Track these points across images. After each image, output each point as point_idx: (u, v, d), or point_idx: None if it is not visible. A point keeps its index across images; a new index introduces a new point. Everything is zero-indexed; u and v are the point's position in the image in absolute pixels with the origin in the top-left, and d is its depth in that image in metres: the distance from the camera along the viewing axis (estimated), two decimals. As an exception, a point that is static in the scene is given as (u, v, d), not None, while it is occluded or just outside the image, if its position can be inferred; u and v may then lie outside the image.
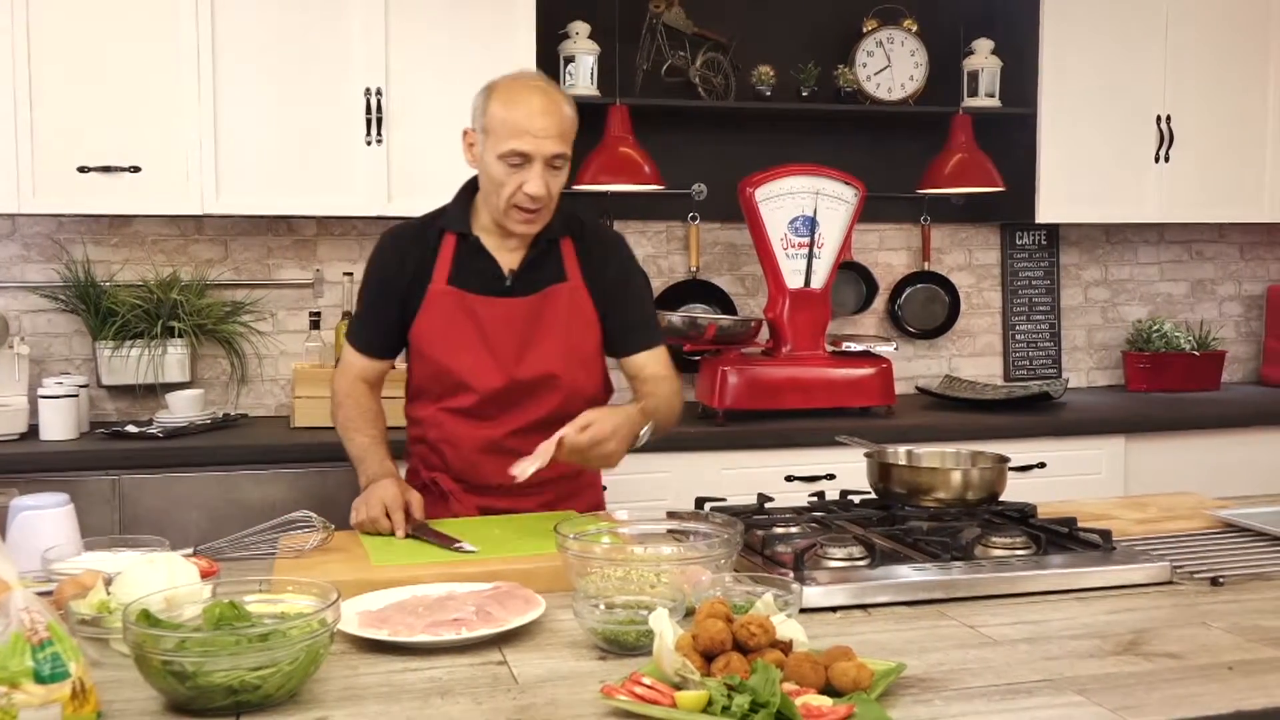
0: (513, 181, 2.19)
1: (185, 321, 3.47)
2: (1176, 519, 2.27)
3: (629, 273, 2.40)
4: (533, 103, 2.18)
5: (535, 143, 2.17)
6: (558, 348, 2.29)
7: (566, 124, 2.22)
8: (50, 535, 1.83)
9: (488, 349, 2.27)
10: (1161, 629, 1.59)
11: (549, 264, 2.31)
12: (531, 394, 2.29)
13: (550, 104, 2.19)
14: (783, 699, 1.20)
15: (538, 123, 2.17)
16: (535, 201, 2.20)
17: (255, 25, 3.30)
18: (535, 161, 2.18)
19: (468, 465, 2.32)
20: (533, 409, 2.29)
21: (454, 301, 2.28)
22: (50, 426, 3.19)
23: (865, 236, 4.17)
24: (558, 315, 2.30)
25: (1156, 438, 3.71)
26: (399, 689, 1.38)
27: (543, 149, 2.17)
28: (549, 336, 2.29)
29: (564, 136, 2.21)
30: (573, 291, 2.31)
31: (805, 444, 3.42)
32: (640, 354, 2.36)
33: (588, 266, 2.34)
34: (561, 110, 2.21)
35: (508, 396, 2.28)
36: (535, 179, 2.18)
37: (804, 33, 4.05)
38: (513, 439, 2.26)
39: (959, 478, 2.10)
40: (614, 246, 2.42)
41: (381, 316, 2.36)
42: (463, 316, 2.28)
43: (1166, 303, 4.53)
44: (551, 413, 2.26)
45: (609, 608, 1.53)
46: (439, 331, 2.29)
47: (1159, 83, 4.00)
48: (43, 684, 1.22)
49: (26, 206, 3.19)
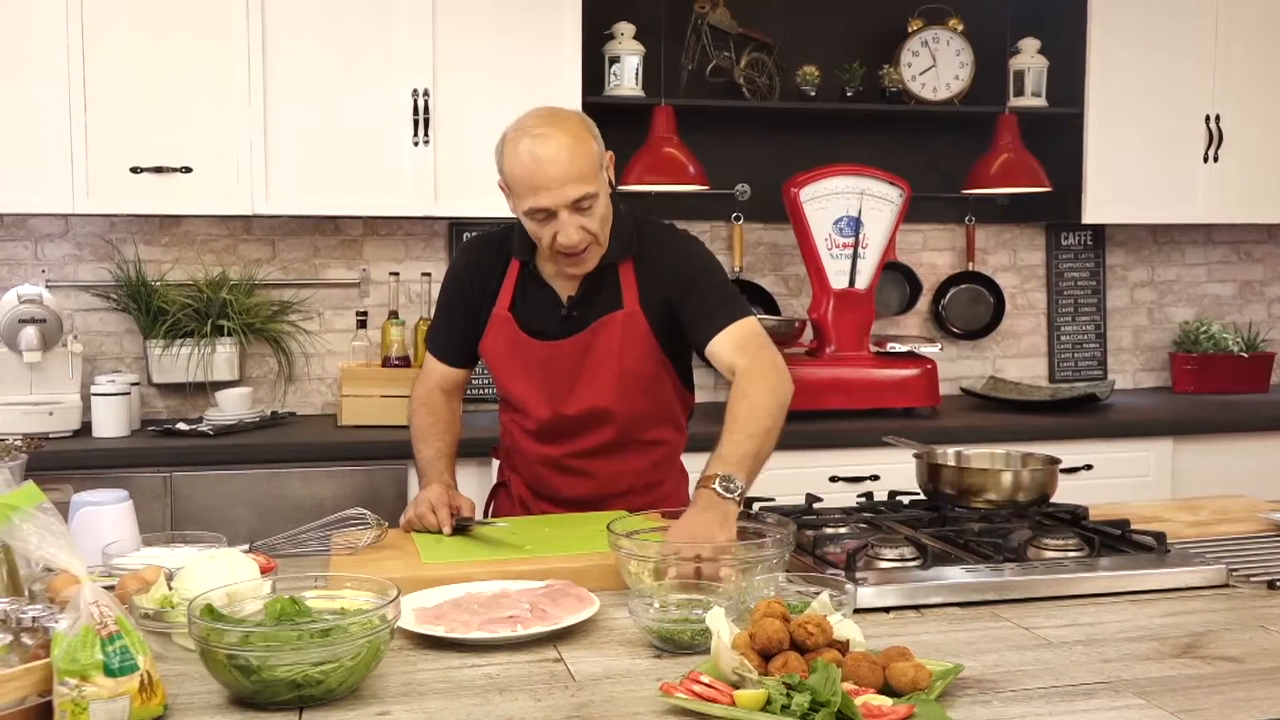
0: (546, 233, 2.09)
1: (234, 320, 3.51)
2: (1229, 522, 2.25)
3: (683, 267, 2.23)
4: (537, 154, 2.04)
5: (552, 196, 2.04)
6: (609, 380, 2.20)
7: (582, 162, 2.06)
8: (111, 531, 1.86)
9: (539, 384, 2.24)
10: (1219, 632, 1.58)
11: (607, 291, 2.21)
12: (584, 426, 2.25)
13: (557, 149, 2.04)
14: (844, 698, 1.20)
15: (549, 173, 2.03)
16: (575, 248, 2.10)
17: (305, 27, 3.34)
18: (560, 212, 2.06)
19: (535, 476, 2.33)
20: (589, 438, 2.26)
21: (511, 332, 2.24)
22: (103, 424, 3.24)
23: (909, 237, 4.16)
24: (611, 347, 2.20)
25: (1205, 440, 3.68)
26: (457, 685, 1.39)
27: (562, 199, 2.05)
28: (600, 371, 2.20)
29: (583, 177, 2.05)
30: (628, 318, 2.20)
31: (849, 445, 3.41)
32: (713, 341, 2.15)
33: (646, 284, 2.21)
34: (572, 148, 2.05)
35: (562, 426, 2.25)
36: (565, 229, 2.07)
37: (849, 33, 4.04)
38: (573, 460, 2.26)
39: (1010, 479, 2.09)
40: (669, 251, 2.26)
41: (456, 325, 2.34)
42: (517, 350, 2.25)
43: (1214, 304, 4.48)
44: (610, 440, 2.24)
45: (664, 606, 1.53)
46: (499, 354, 2.28)
47: (1208, 82, 3.96)
48: (112, 677, 1.24)
49: (81, 207, 3.24)
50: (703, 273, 2.23)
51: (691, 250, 2.28)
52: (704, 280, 2.22)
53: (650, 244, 2.24)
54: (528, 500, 2.35)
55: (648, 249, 2.23)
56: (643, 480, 2.31)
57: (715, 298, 2.20)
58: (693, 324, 2.19)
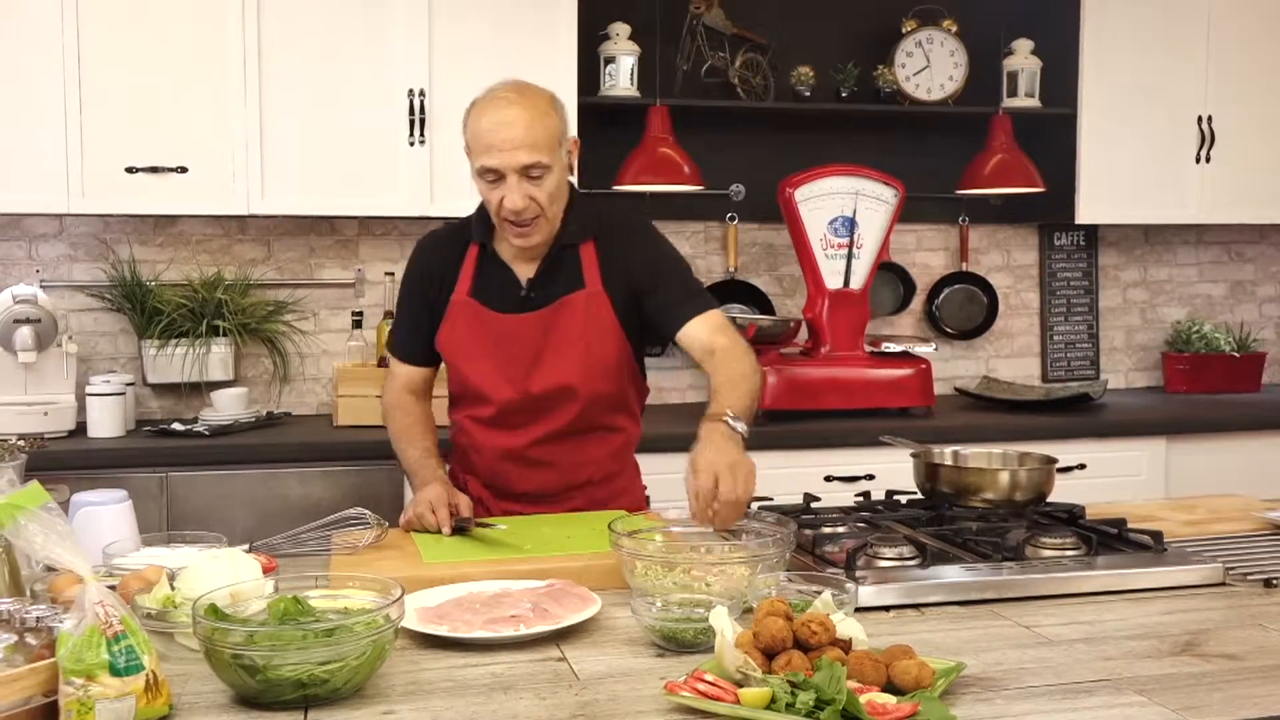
0: (494, 197, 2.14)
1: (229, 321, 3.50)
2: (1225, 521, 2.26)
3: (654, 255, 2.29)
4: (498, 115, 2.10)
5: (502, 157, 2.09)
6: (574, 359, 2.23)
7: (539, 131, 2.10)
8: (111, 531, 1.86)
9: (502, 362, 2.25)
10: (1218, 630, 1.59)
11: (567, 271, 2.25)
12: (548, 406, 2.25)
13: (517, 114, 2.09)
14: (849, 696, 1.21)
15: (502, 135, 2.08)
16: (519, 215, 2.13)
17: (300, 27, 3.34)
18: (508, 175, 2.10)
19: (494, 473, 2.33)
20: (552, 420, 2.26)
21: (472, 313, 2.26)
22: (98, 424, 3.23)
23: (903, 237, 4.17)
24: (574, 325, 2.23)
25: (1197, 439, 3.69)
26: (462, 684, 1.40)
27: (511, 162, 2.09)
28: (564, 348, 2.23)
29: (536, 146, 2.09)
30: (590, 299, 2.23)
31: (844, 444, 3.42)
32: (688, 325, 2.21)
33: (609, 267, 2.25)
34: (531, 118, 2.10)
35: (524, 408, 2.25)
36: (511, 192, 2.10)
37: (843, 33, 4.05)
38: (535, 449, 2.26)
39: (1007, 478, 2.10)
40: (637, 235, 2.32)
41: (416, 324, 2.35)
42: (479, 328, 2.26)
43: (1206, 304, 4.50)
44: (571, 422, 2.25)
45: (666, 605, 1.54)
46: (458, 342, 2.28)
47: (1200, 83, 3.98)
48: (118, 676, 1.24)
49: (76, 207, 3.24)
50: (675, 264, 2.31)
51: (660, 241, 2.34)
52: (676, 271, 2.30)
53: (615, 229, 2.29)
54: (488, 500, 2.33)
55: (612, 233, 2.28)
56: (603, 470, 2.32)
57: (689, 287, 2.29)
58: (663, 309, 2.24)
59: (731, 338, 2.21)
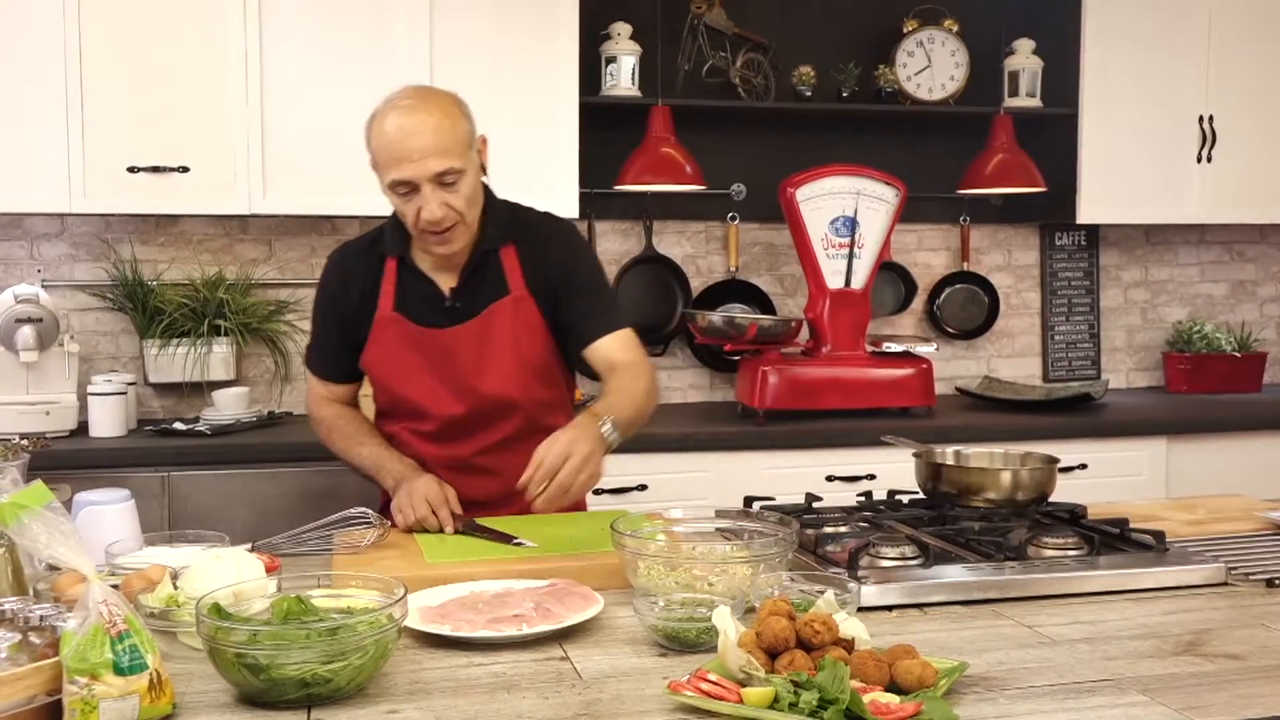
0: (410, 210, 2.08)
1: (231, 320, 3.51)
2: (1226, 521, 2.26)
3: (574, 260, 2.26)
4: (402, 125, 2.04)
5: (413, 167, 2.03)
6: (510, 368, 2.21)
7: (446, 136, 2.04)
8: (113, 530, 1.86)
9: (440, 378, 2.21)
10: (1220, 630, 1.59)
11: (489, 278, 2.21)
12: (490, 418, 2.23)
13: (420, 122, 2.03)
14: (852, 695, 1.21)
15: (410, 145, 2.02)
16: (438, 224, 2.08)
17: (302, 27, 3.34)
18: (422, 185, 2.05)
19: None
20: (496, 431, 2.23)
21: (400, 330, 2.22)
22: (100, 423, 3.23)
23: (904, 237, 4.17)
24: (505, 334, 2.20)
25: (1198, 439, 3.70)
26: (465, 683, 1.40)
27: (423, 171, 2.03)
28: (499, 358, 2.20)
29: (447, 151, 2.04)
30: (516, 303, 2.20)
31: (846, 444, 3.42)
32: (597, 342, 2.19)
33: (531, 269, 2.21)
34: (438, 123, 2.04)
35: (466, 422, 2.23)
36: (428, 203, 2.05)
37: (844, 33, 4.05)
38: (481, 458, 2.23)
39: (1009, 478, 2.10)
40: (556, 238, 2.26)
41: (336, 342, 2.31)
42: (409, 345, 2.22)
43: (1207, 304, 4.50)
44: (517, 430, 2.22)
45: (668, 605, 1.54)
46: (390, 360, 2.24)
47: (1201, 83, 3.98)
48: (122, 675, 1.24)
49: (78, 206, 3.24)
50: (592, 273, 2.29)
51: (578, 245, 2.32)
52: (593, 281, 2.28)
53: (532, 230, 2.25)
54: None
55: (530, 234, 2.24)
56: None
57: (604, 300, 2.27)
58: (578, 320, 2.22)
59: (637, 355, 2.21)
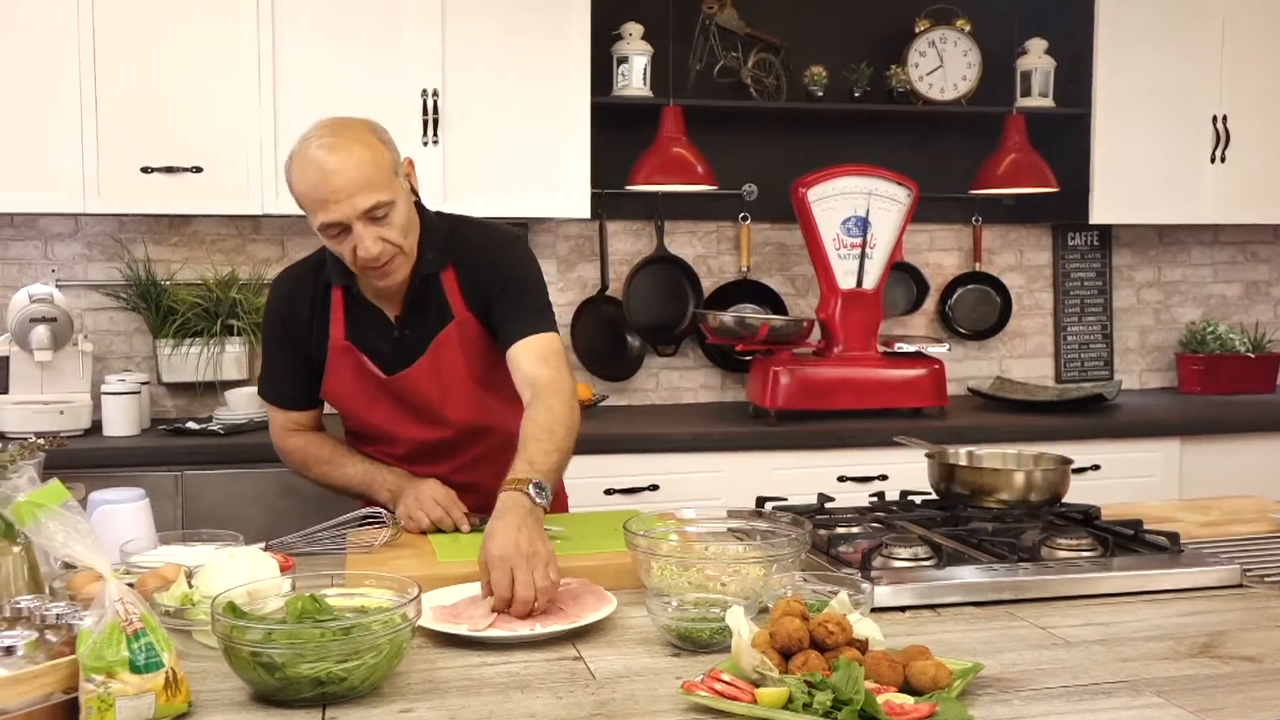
0: (346, 249, 2.01)
1: (243, 320, 3.51)
2: (1241, 522, 2.25)
3: (507, 269, 2.18)
4: (322, 165, 1.95)
5: (341, 208, 1.95)
6: (471, 399, 2.18)
7: (370, 169, 1.96)
8: (128, 529, 1.87)
9: (401, 411, 2.19)
10: (1235, 632, 1.58)
11: (434, 303, 2.16)
12: (461, 443, 2.21)
13: (341, 159, 1.95)
14: (866, 696, 1.21)
15: (334, 184, 1.94)
16: (376, 260, 2.01)
17: (315, 28, 3.35)
18: (353, 224, 1.97)
19: None
20: (470, 451, 2.22)
21: (356, 363, 2.17)
22: (113, 423, 3.24)
23: (916, 237, 4.16)
24: (457, 363, 2.16)
25: (1212, 440, 3.68)
26: (478, 682, 1.40)
27: (351, 210, 1.95)
28: (457, 390, 2.17)
29: (373, 184, 1.96)
30: (461, 327, 2.16)
31: (858, 444, 3.42)
32: (517, 345, 2.11)
33: (469, 289, 2.16)
34: (358, 159, 1.96)
35: (440, 446, 2.21)
36: (363, 241, 1.98)
37: (856, 33, 4.04)
38: (459, 474, 2.20)
39: (1022, 479, 2.10)
40: (490, 250, 2.20)
41: (289, 368, 2.25)
42: (368, 379, 2.18)
43: (1220, 304, 4.49)
44: (493, 448, 2.18)
45: (681, 605, 1.54)
46: (348, 391, 2.20)
47: (1215, 83, 3.97)
48: (138, 673, 1.25)
49: (92, 206, 3.25)
50: (519, 276, 2.19)
51: (511, 250, 2.23)
52: (519, 284, 2.18)
53: (469, 246, 2.19)
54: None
55: (467, 252, 2.18)
56: None
57: (527, 305, 2.16)
58: (500, 324, 2.15)
59: (555, 369, 2.08)
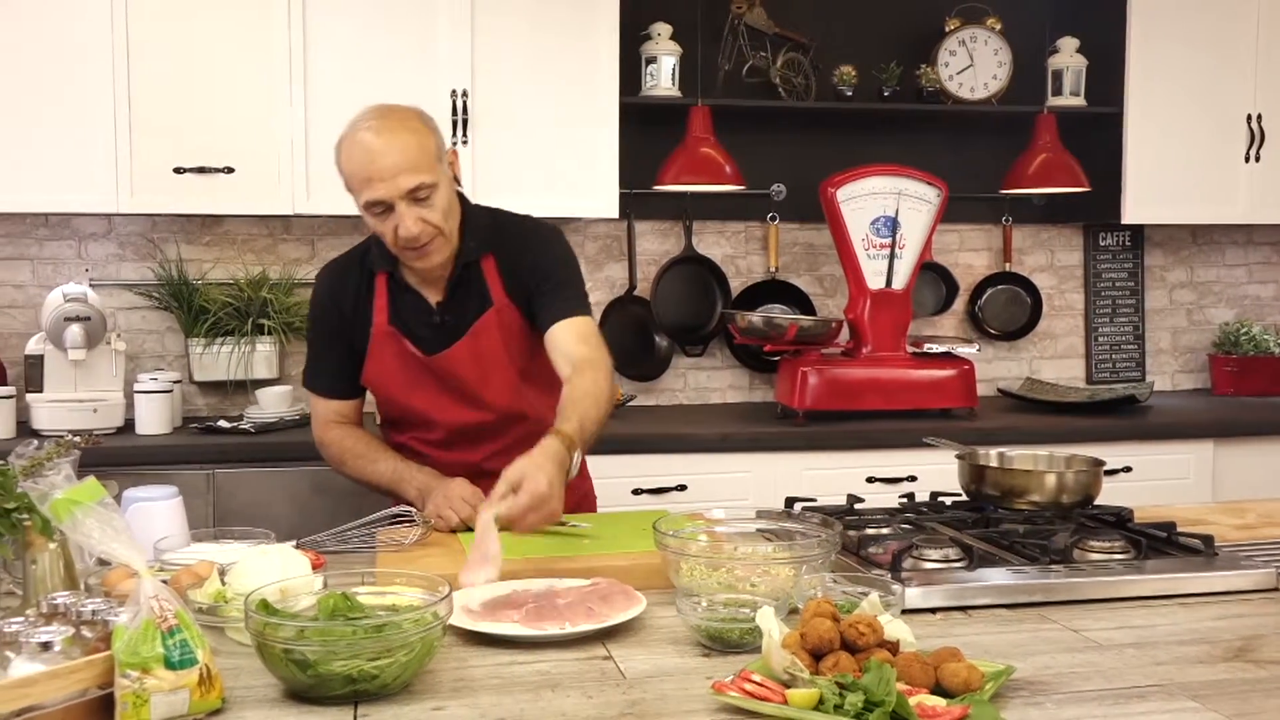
0: (388, 229, 2.10)
1: (274, 319, 3.54)
2: (1276, 525, 2.23)
3: (545, 255, 2.27)
4: (369, 146, 2.05)
5: (385, 186, 2.05)
6: (509, 384, 2.24)
7: (414, 151, 2.06)
8: (162, 526, 1.89)
9: (441, 393, 2.24)
10: (1271, 636, 1.56)
11: (474, 290, 2.23)
12: (498, 428, 2.25)
13: (387, 141, 2.05)
14: (898, 698, 1.20)
15: (379, 165, 2.04)
16: (416, 240, 2.10)
17: (345, 29, 3.37)
18: (396, 203, 2.06)
19: None
20: (506, 436, 2.25)
21: (398, 346, 2.24)
22: (146, 421, 3.27)
23: (945, 237, 4.14)
24: (496, 347, 2.23)
25: (1246, 442, 3.65)
26: (509, 681, 1.40)
27: (395, 189, 2.05)
28: (496, 375, 2.23)
29: (417, 167, 2.06)
30: (500, 314, 2.23)
31: (887, 445, 3.41)
32: (556, 326, 2.19)
33: (510, 277, 2.24)
34: (404, 141, 2.06)
35: (478, 429, 2.25)
36: (404, 220, 2.07)
37: (885, 32, 4.03)
38: (492, 461, 2.19)
39: (1054, 480, 2.09)
40: (531, 240, 2.28)
41: (335, 358, 2.31)
42: (410, 361, 2.24)
43: (1254, 305, 4.44)
44: (528, 434, 2.16)
45: (711, 605, 1.54)
46: (390, 375, 2.26)
47: (1249, 81, 3.93)
48: (172, 670, 1.26)
49: (125, 206, 3.28)
50: (560, 265, 2.27)
51: (551, 241, 2.31)
52: (560, 272, 2.26)
53: (511, 237, 2.26)
54: None
55: (509, 242, 2.25)
56: None
57: (569, 289, 2.25)
58: (540, 311, 2.22)
59: (595, 348, 2.17)
